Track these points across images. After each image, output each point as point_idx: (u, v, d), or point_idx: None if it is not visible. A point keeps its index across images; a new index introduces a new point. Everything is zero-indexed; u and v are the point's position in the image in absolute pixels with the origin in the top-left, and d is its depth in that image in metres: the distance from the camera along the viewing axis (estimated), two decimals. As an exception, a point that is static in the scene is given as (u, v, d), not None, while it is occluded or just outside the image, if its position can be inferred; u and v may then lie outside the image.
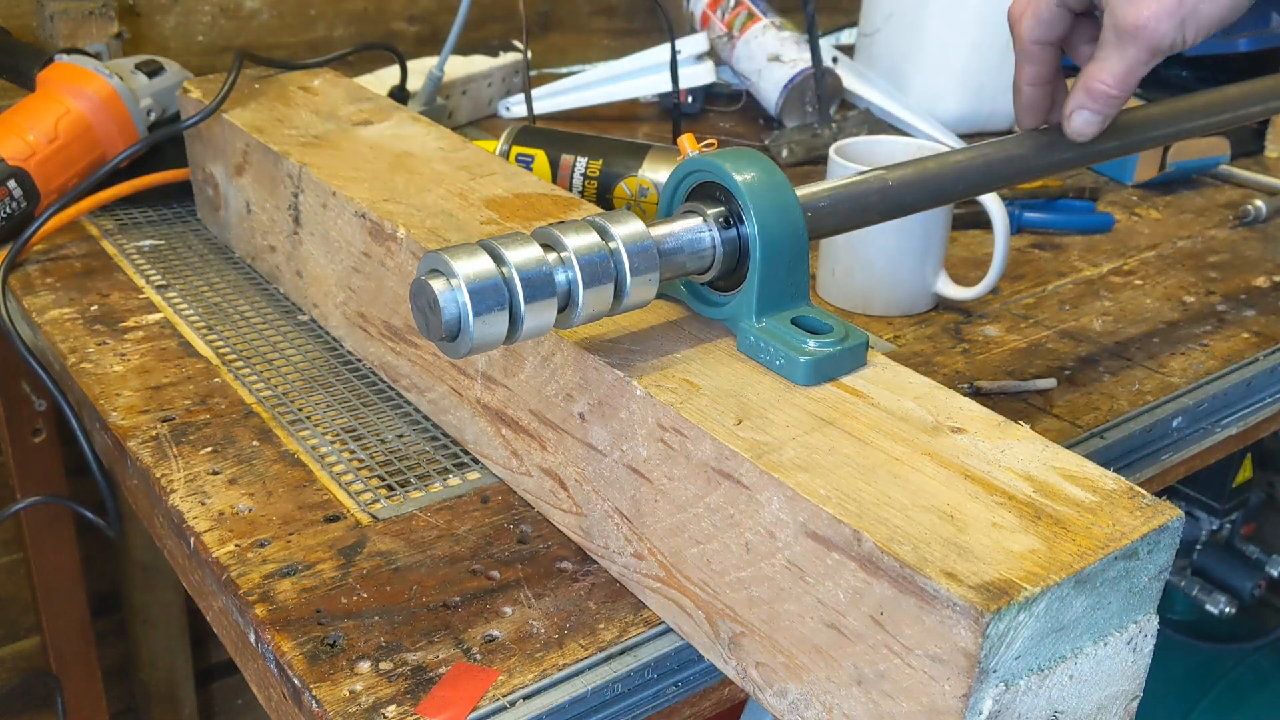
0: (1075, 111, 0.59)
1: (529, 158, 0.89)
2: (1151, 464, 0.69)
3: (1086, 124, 0.59)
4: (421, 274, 0.45)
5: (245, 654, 0.54)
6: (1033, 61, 0.61)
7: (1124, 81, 0.57)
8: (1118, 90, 0.58)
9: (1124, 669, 0.42)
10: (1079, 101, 0.59)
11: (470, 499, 0.60)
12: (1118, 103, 0.59)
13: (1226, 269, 0.90)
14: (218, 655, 1.37)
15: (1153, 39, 0.55)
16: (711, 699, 0.53)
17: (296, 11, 1.20)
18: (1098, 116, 0.59)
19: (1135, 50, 0.56)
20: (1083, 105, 0.59)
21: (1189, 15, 0.55)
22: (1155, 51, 0.56)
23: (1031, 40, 0.60)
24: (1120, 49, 0.57)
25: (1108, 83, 0.58)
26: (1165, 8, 0.55)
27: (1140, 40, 0.56)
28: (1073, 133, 0.60)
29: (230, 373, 0.71)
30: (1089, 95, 0.59)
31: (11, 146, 0.84)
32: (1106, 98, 0.58)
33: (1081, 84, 0.59)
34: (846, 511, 0.41)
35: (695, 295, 0.53)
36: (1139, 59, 0.56)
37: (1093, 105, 0.59)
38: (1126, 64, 0.57)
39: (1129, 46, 0.56)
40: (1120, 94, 0.58)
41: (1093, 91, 0.58)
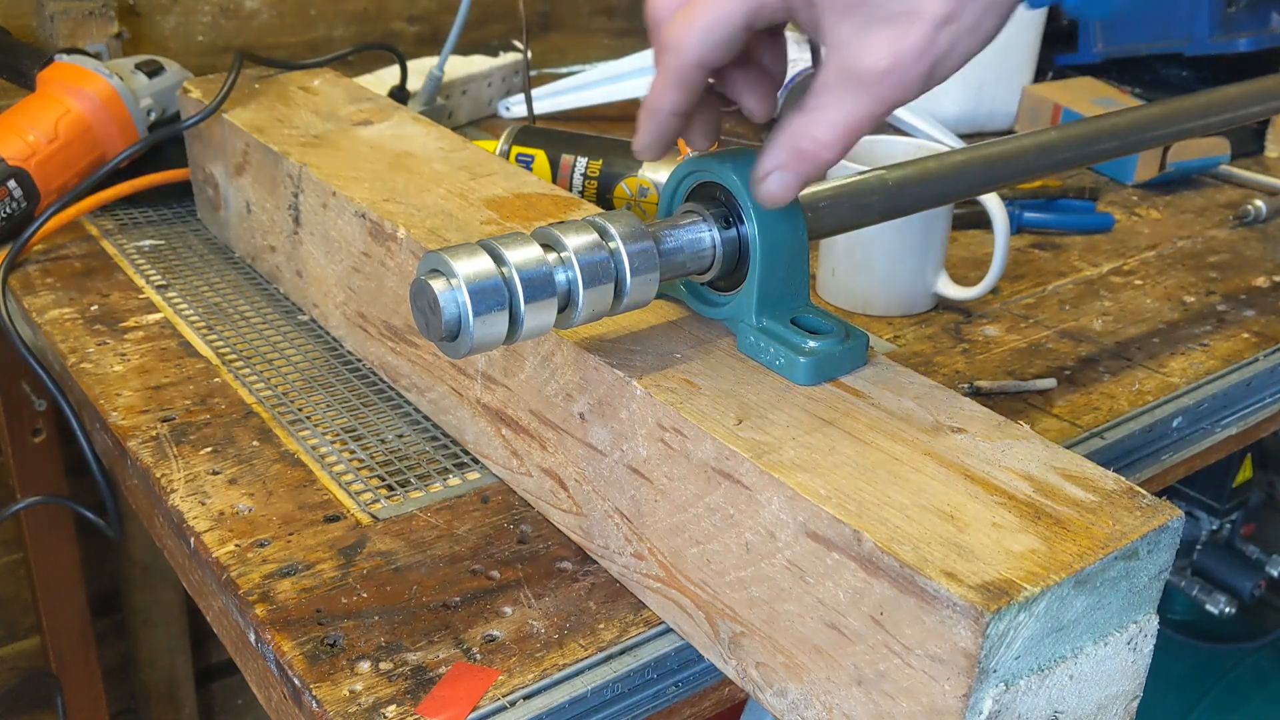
0: (772, 174, 0.46)
1: (529, 158, 0.89)
2: (1151, 464, 0.69)
3: (784, 188, 0.46)
4: (421, 274, 0.45)
5: (245, 654, 0.54)
6: (687, 90, 0.46)
7: (845, 141, 0.44)
8: (834, 151, 0.44)
9: (1124, 669, 0.42)
10: (778, 160, 0.45)
11: (470, 499, 0.60)
12: (827, 166, 0.45)
13: (1226, 269, 0.90)
14: (218, 655, 1.37)
15: (892, 89, 0.43)
16: (711, 699, 0.53)
17: (296, 11, 1.20)
18: (798, 180, 0.46)
19: (868, 102, 0.43)
20: (783, 166, 0.45)
21: (942, 57, 0.42)
22: (893, 105, 0.43)
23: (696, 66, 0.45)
24: (846, 98, 0.43)
25: (823, 141, 0.44)
26: (911, 47, 0.42)
27: (879, 90, 0.43)
28: (764, 197, 0.46)
29: (230, 373, 0.71)
30: (795, 156, 0.45)
31: (11, 146, 0.84)
32: (816, 161, 0.45)
33: (786, 140, 0.45)
34: (846, 511, 0.41)
35: (695, 295, 0.53)
36: (870, 112, 0.43)
37: (798, 166, 0.45)
38: (849, 119, 0.43)
39: (861, 96, 0.43)
40: (835, 156, 0.44)
41: (802, 153, 0.45)
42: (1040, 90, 1.17)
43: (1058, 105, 1.14)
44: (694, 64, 0.45)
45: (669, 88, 0.46)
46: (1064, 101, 1.14)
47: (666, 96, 0.46)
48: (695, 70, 0.45)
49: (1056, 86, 1.19)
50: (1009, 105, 1.19)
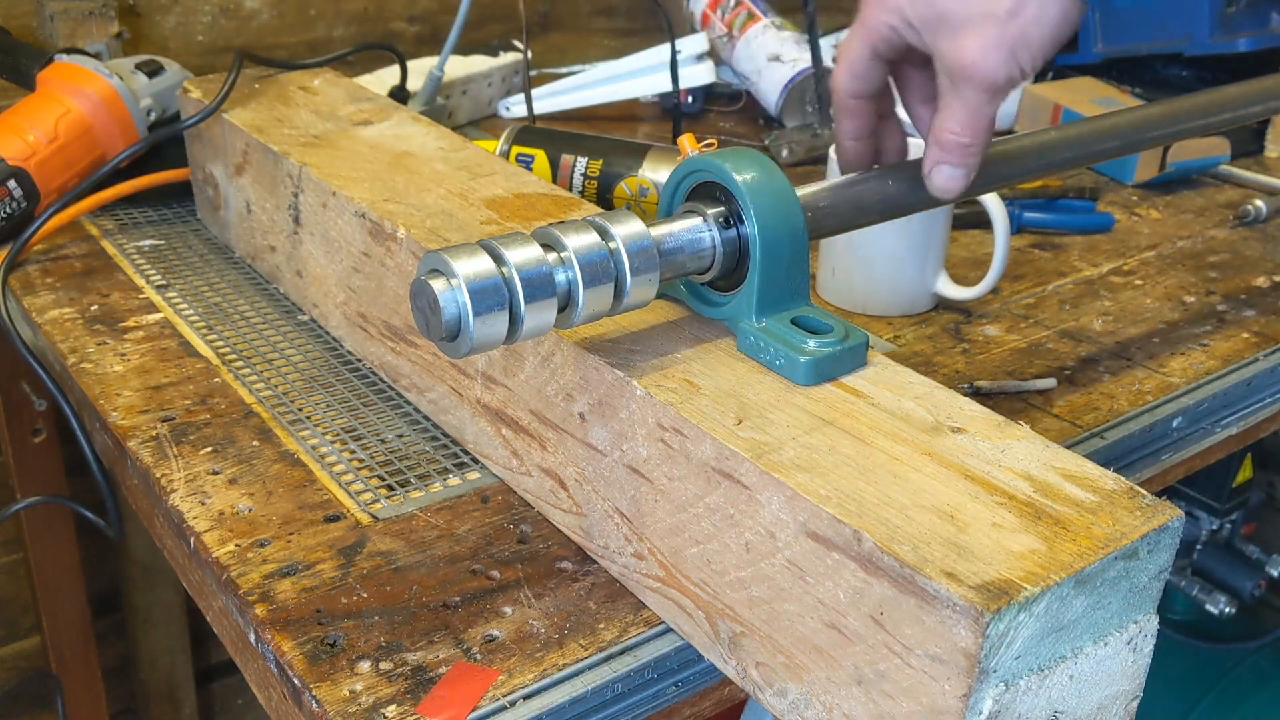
0: (934, 168, 0.55)
1: (529, 158, 0.89)
2: (1151, 464, 0.69)
3: (949, 180, 0.55)
4: (421, 274, 0.45)
5: (245, 654, 0.54)
6: (851, 116, 0.58)
7: (972, 127, 0.53)
8: (969, 137, 0.53)
9: (1124, 669, 0.42)
10: (935, 157, 0.55)
11: (470, 499, 0.60)
12: (975, 150, 0.54)
13: (1226, 269, 0.90)
14: (218, 655, 1.37)
15: (986, 77, 0.51)
16: (711, 699, 0.53)
17: (296, 11, 1.20)
18: (959, 169, 0.54)
19: (973, 92, 0.52)
20: (939, 160, 0.54)
21: (1018, 43, 0.51)
22: (994, 89, 0.52)
23: (848, 95, 0.57)
24: (958, 93, 0.53)
25: (956, 131, 0.53)
26: (990, 41, 0.51)
27: (974, 81, 0.52)
28: (936, 191, 0.55)
29: (230, 373, 0.71)
30: (942, 148, 0.54)
31: (11, 146, 0.84)
32: (959, 147, 0.54)
33: (932, 138, 0.54)
34: (846, 511, 0.41)
35: (695, 295, 0.53)
36: (980, 100, 0.52)
37: (949, 158, 0.54)
38: (969, 108, 0.53)
39: (965, 89, 0.52)
40: (973, 140, 0.53)
41: (944, 144, 0.54)
42: (1040, 90, 1.17)
43: (1058, 105, 1.14)
44: (845, 93, 0.57)
45: (840, 120, 0.58)
46: (1064, 101, 1.14)
47: (842, 128, 0.58)
48: (848, 99, 0.57)
49: (1056, 86, 1.19)
50: (1009, 105, 1.19)
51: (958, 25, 0.51)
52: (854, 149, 0.59)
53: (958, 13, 0.51)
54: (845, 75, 0.56)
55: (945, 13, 0.52)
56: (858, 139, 0.58)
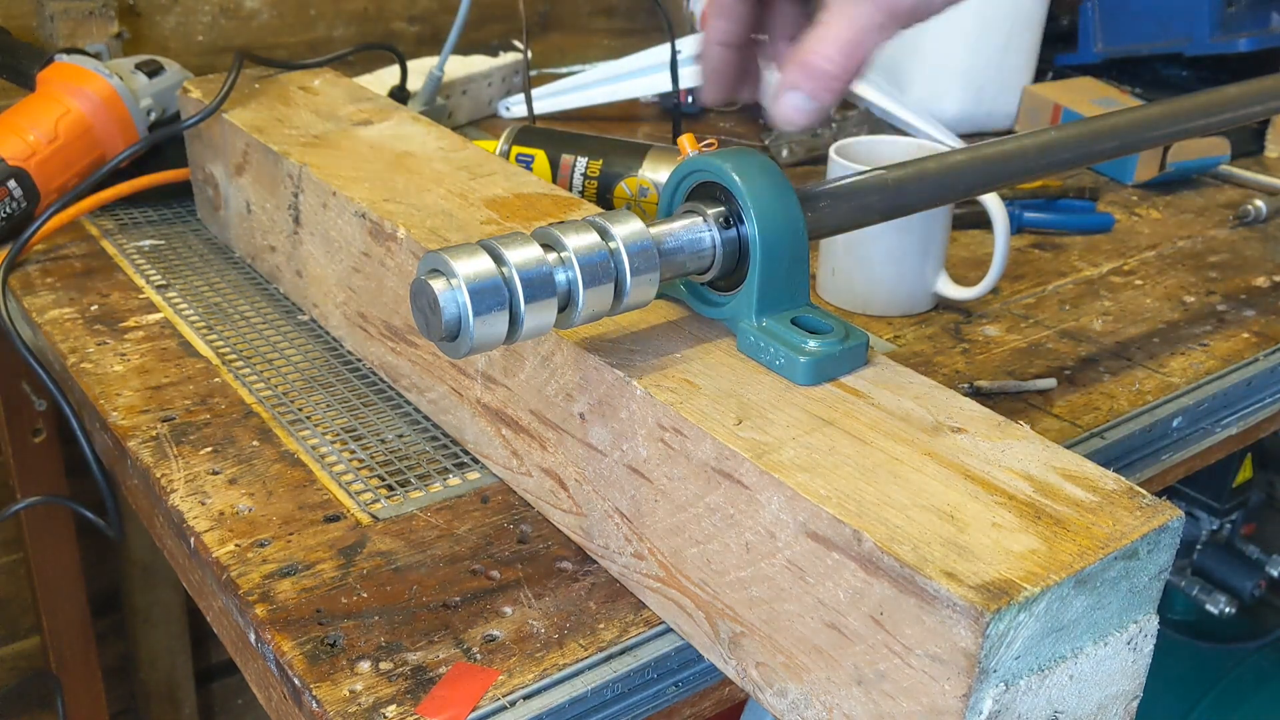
0: (786, 93, 0.45)
1: (529, 158, 0.89)
2: (1151, 464, 0.69)
3: (797, 110, 0.45)
4: (421, 274, 0.45)
5: (245, 654, 0.54)
6: (727, 15, 0.48)
7: (849, 54, 0.43)
8: (839, 65, 0.44)
9: (1124, 669, 0.42)
10: (791, 79, 0.45)
11: (470, 499, 0.60)
12: (839, 83, 0.44)
13: (1226, 269, 0.90)
14: (218, 655, 1.37)
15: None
16: (711, 699, 0.53)
17: (296, 11, 1.20)
18: (813, 102, 0.45)
19: (870, 8, 0.43)
20: (794, 85, 0.45)
21: None
22: (894, 13, 0.43)
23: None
24: (850, 7, 0.43)
25: (828, 54, 0.44)
26: None
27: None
28: (781, 119, 0.46)
29: (230, 373, 0.71)
30: (803, 72, 0.44)
31: (11, 146, 0.84)
32: (825, 76, 0.44)
33: (795, 57, 0.45)
34: (846, 511, 0.41)
35: (695, 295, 0.53)
36: (873, 21, 0.43)
37: (807, 85, 0.45)
38: (855, 28, 0.43)
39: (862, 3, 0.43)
40: (843, 71, 0.44)
41: (809, 67, 0.44)
42: (1040, 90, 1.17)
43: (1058, 105, 1.14)
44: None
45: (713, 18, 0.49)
46: (1064, 101, 1.14)
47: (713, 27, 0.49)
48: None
49: (1056, 86, 1.19)
50: (1009, 105, 1.19)
51: None
52: (721, 57, 0.49)
53: None
54: None
55: None
56: (728, 45, 0.49)
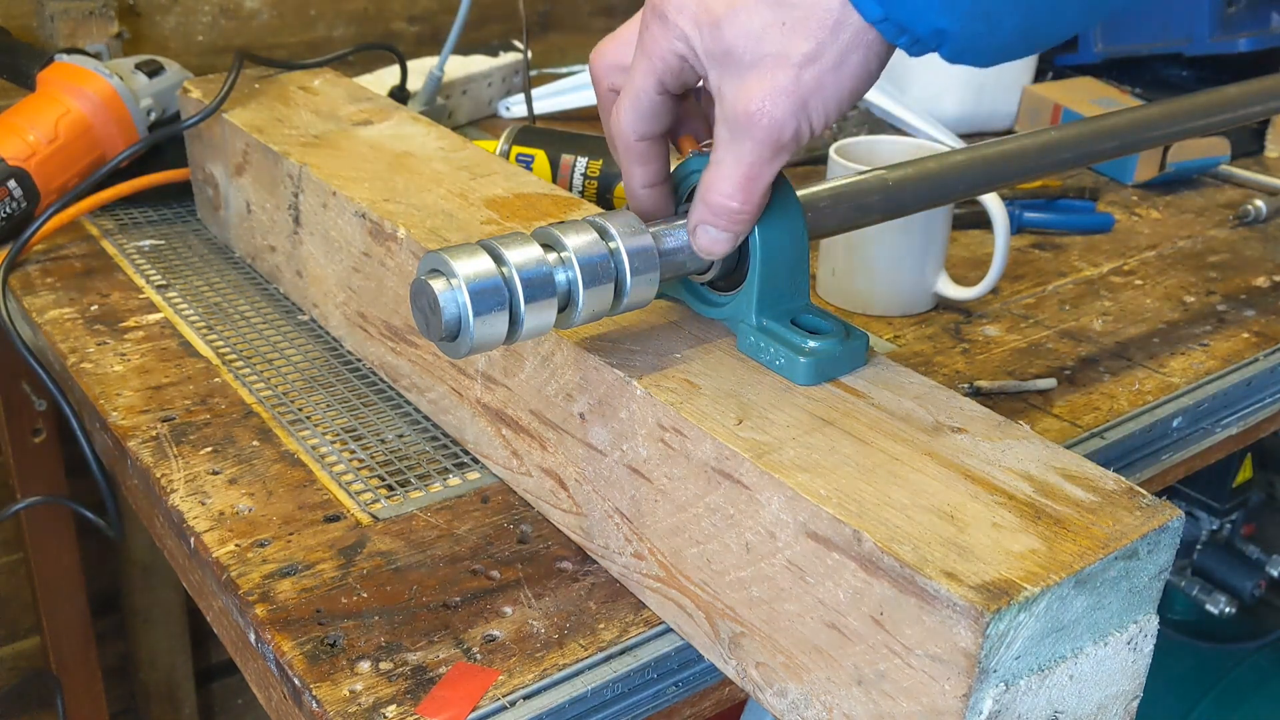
0: (699, 228, 0.48)
1: (529, 158, 0.89)
2: (1151, 464, 0.69)
3: (714, 242, 0.48)
4: (422, 274, 0.45)
5: (245, 654, 0.54)
6: (641, 161, 0.50)
7: (746, 189, 0.46)
8: (740, 200, 0.46)
9: (1124, 669, 0.42)
10: (699, 216, 0.47)
11: (470, 499, 0.60)
12: (745, 216, 0.47)
13: (1226, 269, 0.90)
14: (218, 655, 1.37)
15: (770, 130, 0.44)
16: (711, 699, 0.53)
17: (296, 11, 1.20)
18: (726, 235, 0.47)
19: (753, 146, 0.44)
20: (705, 221, 0.47)
21: (812, 94, 0.43)
22: (776, 146, 0.44)
23: (634, 138, 0.49)
24: (736, 147, 0.45)
25: (726, 193, 0.46)
26: (779, 87, 0.43)
27: (755, 133, 0.44)
28: (700, 250, 0.48)
29: (230, 373, 0.71)
30: (710, 211, 0.47)
31: (11, 146, 0.84)
32: (730, 212, 0.46)
33: (700, 196, 0.47)
34: (846, 511, 0.41)
35: (695, 295, 0.53)
36: (760, 156, 0.45)
37: (717, 221, 0.47)
38: (745, 166, 0.45)
39: (744, 141, 0.44)
40: (744, 205, 0.46)
41: (712, 206, 0.46)
42: (1040, 90, 1.17)
43: (1058, 105, 1.14)
44: (632, 136, 0.49)
45: (629, 166, 0.50)
46: (1064, 101, 1.14)
47: (632, 175, 0.50)
48: (635, 142, 0.49)
49: (1056, 86, 1.19)
50: (1009, 105, 1.19)
51: (745, 66, 0.44)
52: (649, 197, 0.51)
53: (746, 52, 0.43)
54: (630, 115, 0.48)
55: (732, 49, 0.44)
56: (652, 185, 0.50)
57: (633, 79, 0.48)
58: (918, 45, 0.42)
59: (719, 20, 0.44)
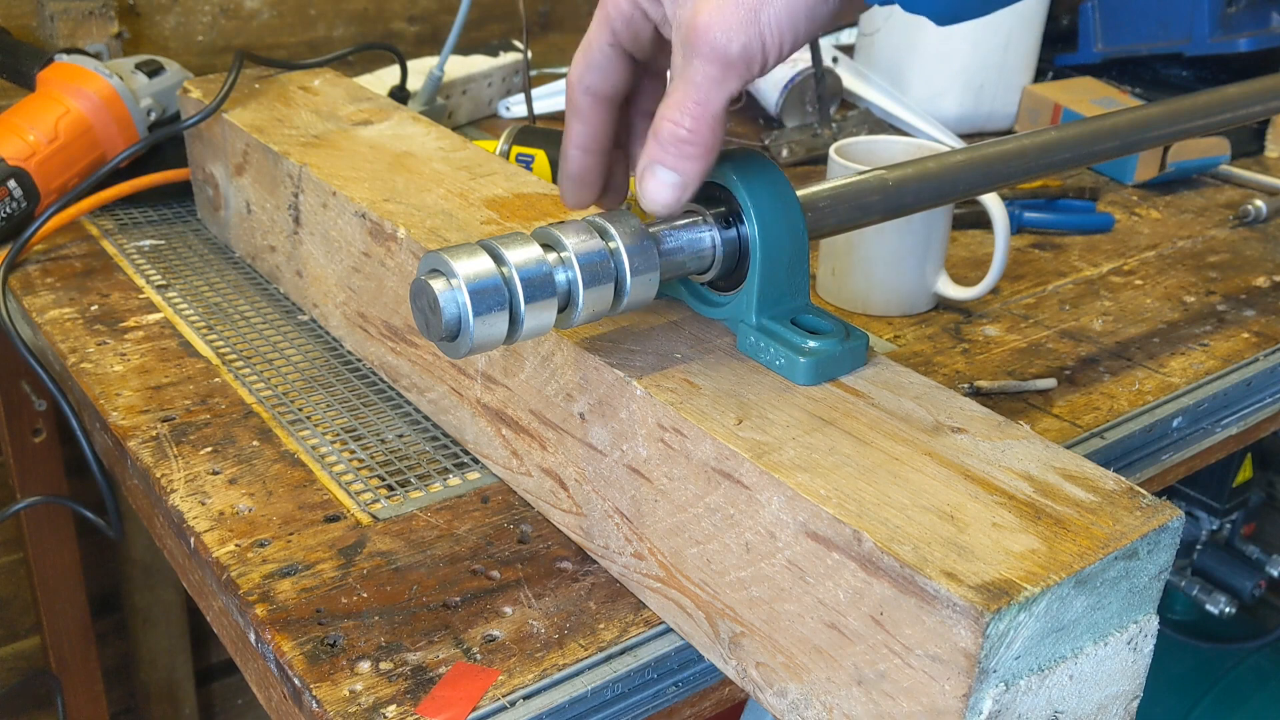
0: (646, 169, 0.44)
1: (529, 158, 0.89)
2: (1151, 464, 0.69)
3: (663, 186, 0.44)
4: (421, 274, 0.45)
5: (245, 654, 0.54)
6: (582, 118, 0.47)
7: (695, 113, 0.42)
8: (689, 125, 0.42)
9: (1124, 669, 0.42)
10: (649, 155, 0.44)
11: (470, 499, 0.60)
12: (695, 148, 0.43)
13: (1226, 269, 0.90)
14: (218, 655, 1.37)
15: (718, 43, 0.41)
16: (711, 699, 0.53)
17: (296, 11, 1.20)
18: (674, 175, 0.43)
19: (700, 64, 0.41)
20: (654, 159, 0.43)
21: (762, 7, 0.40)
22: (725, 61, 0.41)
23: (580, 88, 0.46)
24: (685, 70, 0.42)
25: (674, 118, 0.42)
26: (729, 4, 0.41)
27: (703, 49, 0.41)
28: (648, 202, 0.44)
29: (230, 373, 0.71)
30: (658, 144, 0.43)
31: (11, 146, 0.84)
32: (679, 142, 0.43)
33: (650, 132, 0.44)
34: (846, 511, 0.41)
35: (695, 295, 0.53)
36: (708, 75, 0.41)
37: (666, 157, 0.43)
38: (694, 86, 0.42)
39: (697, 62, 0.41)
40: (693, 131, 0.42)
41: (660, 135, 0.43)
42: (1040, 90, 1.17)
43: (1058, 105, 1.14)
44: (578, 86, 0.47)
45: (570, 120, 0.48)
46: (1064, 101, 1.14)
47: (569, 130, 0.48)
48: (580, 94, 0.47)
49: (1056, 86, 1.19)
50: (1009, 105, 1.19)
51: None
52: (579, 161, 0.48)
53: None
54: (580, 64, 0.46)
55: None
56: (586, 150, 0.47)
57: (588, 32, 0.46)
58: None
59: None
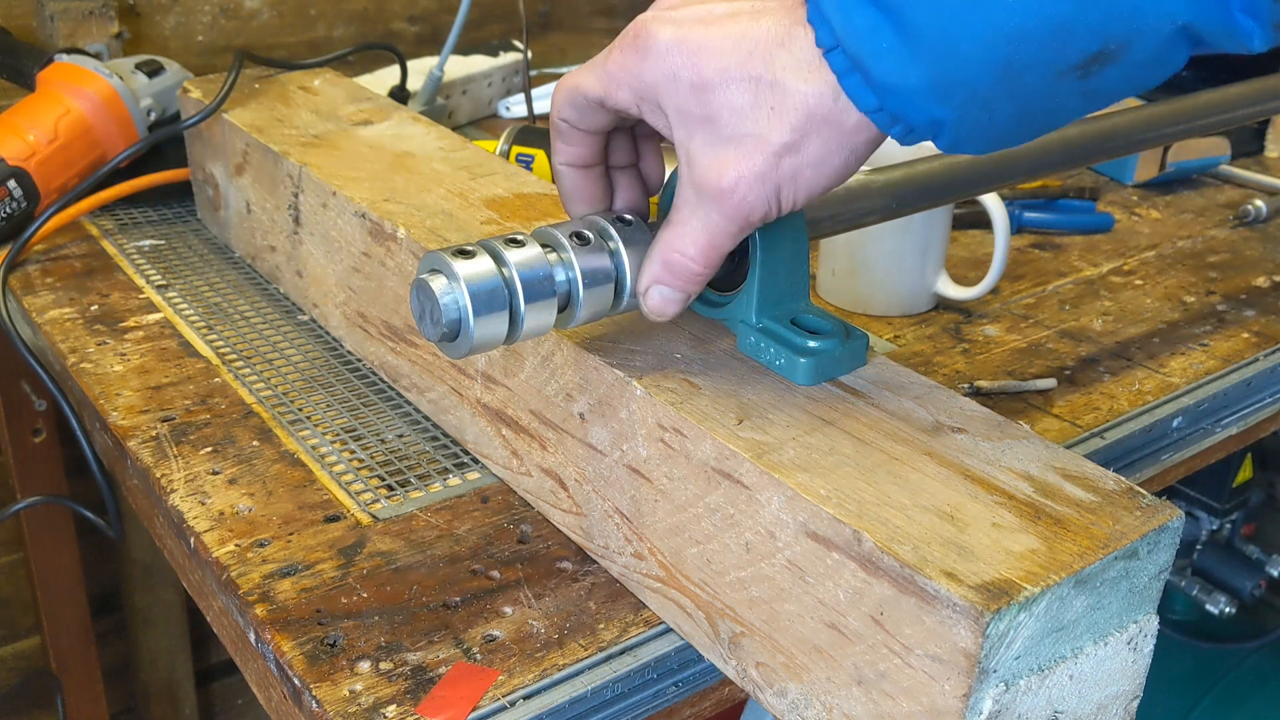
0: (652, 287, 0.47)
1: (529, 158, 0.89)
2: (1151, 464, 0.69)
3: (666, 303, 0.47)
4: (422, 274, 0.45)
5: (245, 654, 0.54)
6: (566, 140, 0.49)
7: (708, 255, 0.45)
8: (701, 265, 0.46)
9: (1124, 669, 0.42)
10: (655, 275, 0.47)
11: (470, 499, 0.60)
12: (700, 279, 0.46)
13: (1226, 269, 0.90)
14: (218, 655, 1.37)
15: (740, 209, 0.43)
16: (711, 699, 0.53)
17: (296, 11, 1.20)
18: (680, 294, 0.47)
19: (720, 220, 0.44)
20: (659, 280, 0.47)
21: (785, 183, 0.43)
22: (745, 224, 0.44)
23: (560, 117, 0.48)
24: (703, 214, 0.44)
25: (689, 255, 0.45)
26: (754, 170, 0.42)
27: (725, 209, 0.44)
28: (649, 312, 0.48)
29: (230, 373, 0.71)
30: (666, 269, 0.46)
31: (11, 146, 0.84)
32: (687, 273, 0.46)
33: (658, 253, 0.46)
34: (846, 511, 0.41)
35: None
36: (725, 229, 0.44)
37: (672, 281, 0.46)
38: (710, 233, 0.45)
39: (712, 212, 0.44)
40: (705, 269, 0.46)
41: (671, 265, 0.46)
42: (1040, 90, 1.17)
43: (1058, 105, 1.14)
44: (559, 115, 0.48)
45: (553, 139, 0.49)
46: (1064, 101, 1.13)
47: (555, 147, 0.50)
48: (560, 123, 0.48)
49: (1056, 86, 1.19)
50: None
51: (723, 140, 0.43)
52: (570, 177, 0.50)
53: (727, 125, 0.43)
54: (564, 99, 0.48)
55: (715, 118, 0.43)
56: (574, 166, 0.49)
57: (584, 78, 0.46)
58: (912, 135, 0.41)
59: (708, 85, 0.42)
